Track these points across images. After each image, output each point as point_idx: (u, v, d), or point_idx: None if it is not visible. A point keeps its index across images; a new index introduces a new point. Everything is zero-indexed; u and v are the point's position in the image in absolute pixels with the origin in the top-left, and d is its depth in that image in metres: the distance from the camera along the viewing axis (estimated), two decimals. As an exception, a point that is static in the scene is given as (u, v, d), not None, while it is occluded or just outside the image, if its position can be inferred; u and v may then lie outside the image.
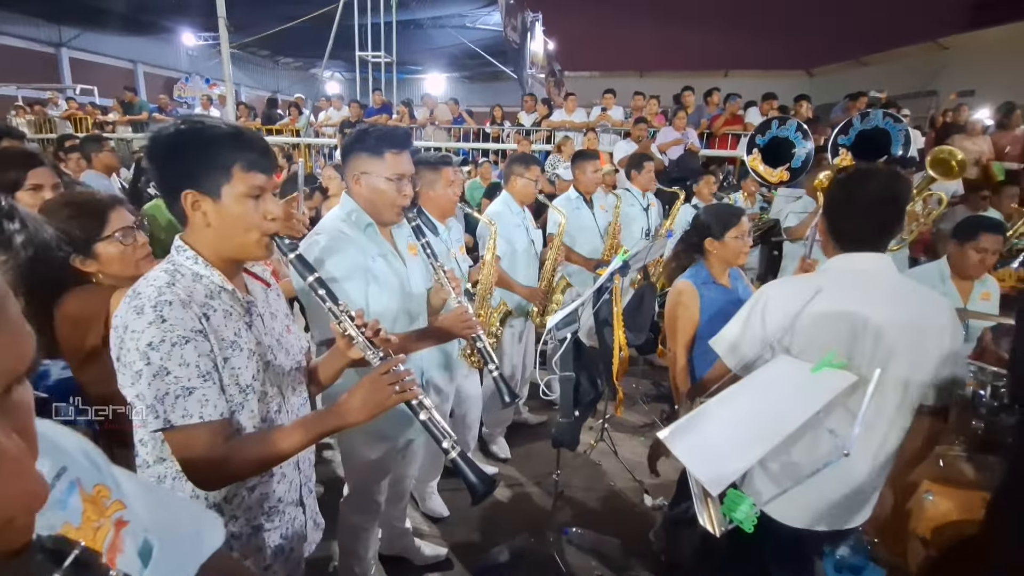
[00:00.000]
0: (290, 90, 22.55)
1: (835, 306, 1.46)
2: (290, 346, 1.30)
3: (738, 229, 2.22)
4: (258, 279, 1.29)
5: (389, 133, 1.81)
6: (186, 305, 1.04)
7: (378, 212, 1.81)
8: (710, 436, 1.34)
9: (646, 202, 4.29)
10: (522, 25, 12.63)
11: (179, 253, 1.13)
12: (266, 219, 1.11)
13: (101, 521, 0.53)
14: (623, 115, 7.64)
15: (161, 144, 1.09)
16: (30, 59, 15.96)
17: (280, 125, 9.37)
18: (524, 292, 3.17)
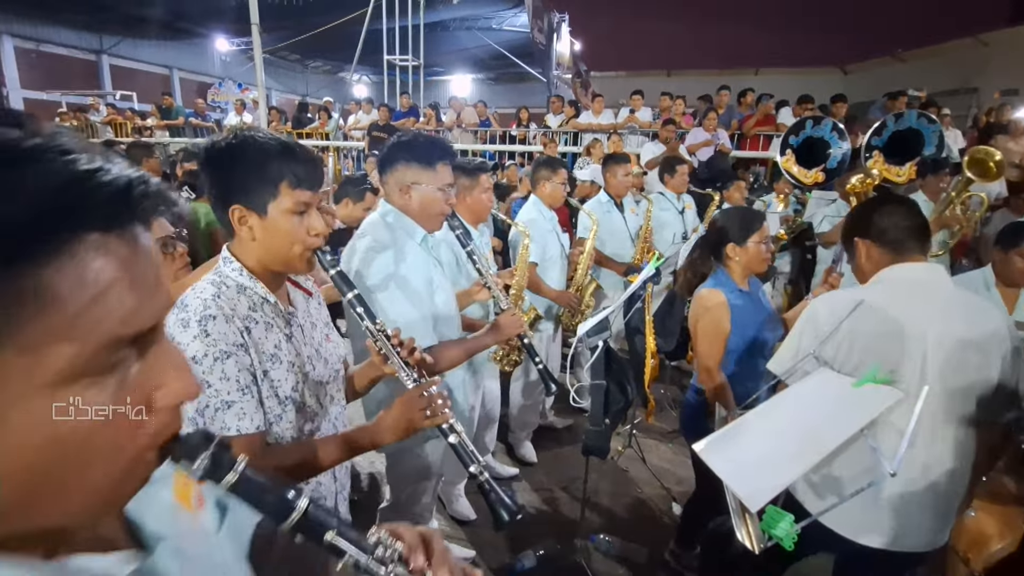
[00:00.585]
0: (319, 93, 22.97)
1: (885, 318, 1.43)
2: (329, 355, 1.31)
3: (760, 234, 2.11)
4: (300, 288, 1.30)
5: (439, 144, 1.86)
6: (229, 319, 1.07)
7: (426, 221, 1.84)
8: (749, 450, 1.31)
9: (681, 205, 4.26)
10: (548, 26, 12.61)
11: (226, 264, 1.15)
12: (310, 234, 1.13)
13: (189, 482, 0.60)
14: (651, 116, 7.55)
15: (213, 156, 1.12)
16: (73, 66, 16.62)
17: (310, 129, 9.55)
18: (555, 295, 3.17)
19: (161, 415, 0.44)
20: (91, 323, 0.37)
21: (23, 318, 0.35)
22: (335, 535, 0.53)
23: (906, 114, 4.72)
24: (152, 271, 0.42)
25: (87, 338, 0.37)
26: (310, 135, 9.52)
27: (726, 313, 2.08)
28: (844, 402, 1.30)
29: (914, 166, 4.59)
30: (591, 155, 6.21)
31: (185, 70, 19.53)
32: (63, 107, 12.50)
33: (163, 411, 0.44)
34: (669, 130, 6.12)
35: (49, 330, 0.36)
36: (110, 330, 0.38)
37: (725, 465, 1.29)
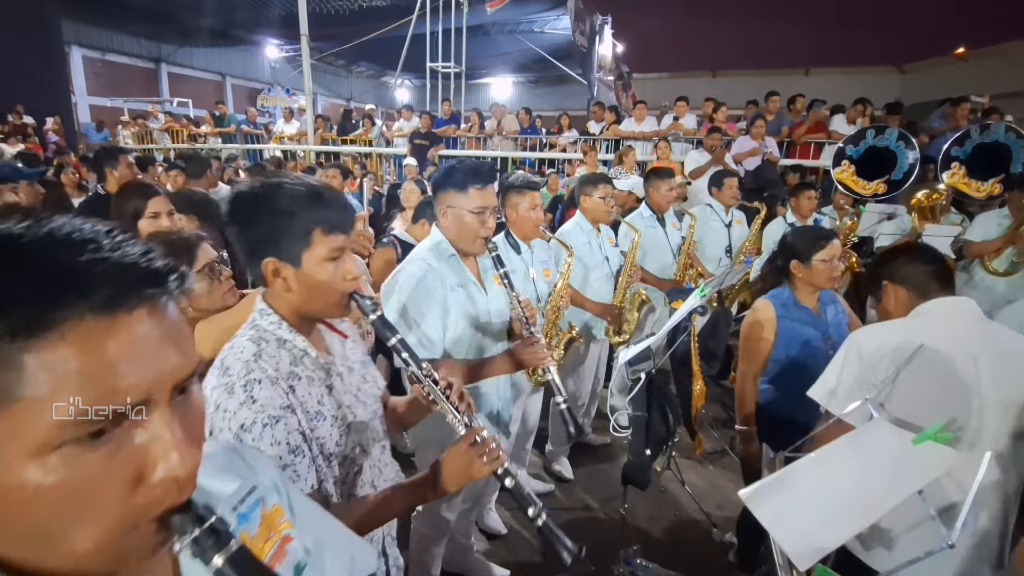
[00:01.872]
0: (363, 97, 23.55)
1: (935, 359, 1.40)
2: (367, 397, 1.30)
3: (827, 252, 2.14)
4: (334, 330, 1.29)
5: (474, 169, 1.91)
6: (274, 382, 1.05)
7: (463, 243, 1.91)
8: (798, 503, 1.26)
9: (729, 219, 4.17)
10: (591, 29, 12.51)
11: (263, 317, 1.13)
12: (346, 279, 1.11)
13: (271, 534, 0.65)
14: (695, 123, 7.37)
15: (241, 207, 1.10)
16: (134, 74, 17.60)
17: (354, 135, 9.78)
18: (597, 308, 3.16)
19: (154, 487, 0.45)
20: (77, 396, 0.40)
21: (7, 388, 0.39)
22: None
23: (993, 126, 4.46)
24: (155, 340, 0.44)
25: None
26: (354, 141, 9.75)
27: (770, 326, 2.17)
28: (901, 459, 1.24)
29: (996, 183, 4.32)
30: (623, 163, 6.14)
31: (236, 76, 20.39)
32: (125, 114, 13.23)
33: (157, 484, 0.45)
34: (715, 138, 5.95)
35: (32, 401, 0.39)
36: (95, 401, 0.41)
37: (773, 518, 1.24)
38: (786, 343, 2.17)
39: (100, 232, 0.44)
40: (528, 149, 8.61)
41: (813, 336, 2.16)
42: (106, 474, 0.43)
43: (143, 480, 0.44)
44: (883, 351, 1.47)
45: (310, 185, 1.09)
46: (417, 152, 8.02)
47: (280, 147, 10.04)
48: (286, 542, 0.66)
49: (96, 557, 0.44)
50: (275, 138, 10.47)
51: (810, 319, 2.20)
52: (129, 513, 0.44)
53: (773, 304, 2.19)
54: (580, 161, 7.04)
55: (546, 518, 1.13)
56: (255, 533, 0.63)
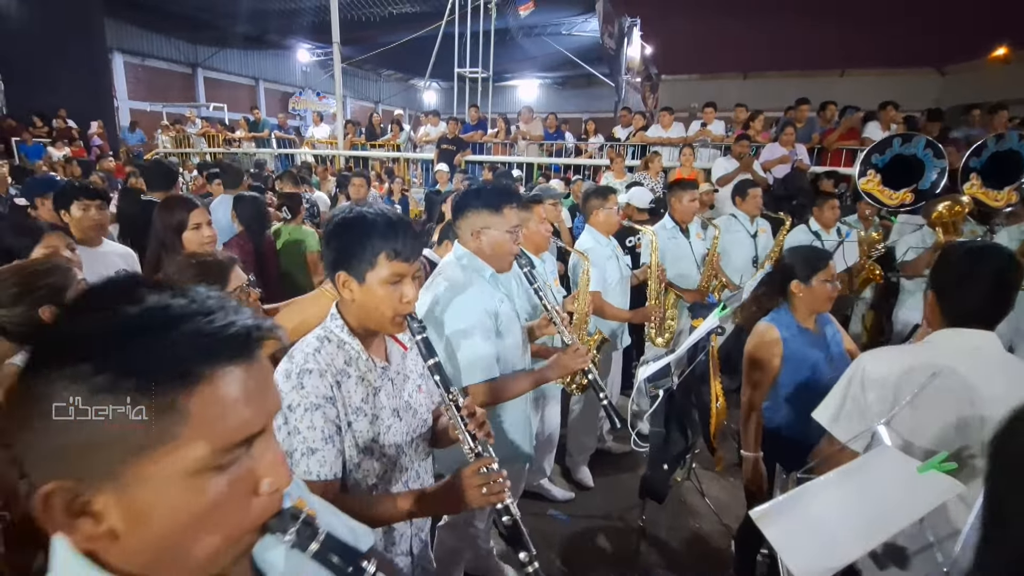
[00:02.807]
0: (391, 100, 23.90)
1: (947, 389, 1.38)
2: (419, 406, 1.43)
3: (826, 273, 2.14)
4: (398, 342, 1.42)
5: (505, 189, 1.99)
6: (323, 374, 1.21)
7: (496, 262, 1.98)
8: (806, 524, 1.29)
9: (754, 228, 4.15)
10: (619, 31, 12.46)
11: (332, 320, 1.32)
12: (402, 301, 1.26)
13: None
14: (724, 129, 7.28)
15: (334, 227, 1.29)
16: (172, 79, 18.23)
17: (383, 140, 9.95)
18: (630, 315, 3.22)
19: (264, 499, 0.56)
20: (218, 431, 0.51)
21: (176, 425, 0.49)
22: None
23: (1007, 135, 4.33)
24: (262, 384, 0.56)
25: (215, 442, 0.51)
26: (383, 146, 9.92)
27: (777, 350, 2.14)
28: (906, 486, 1.25)
29: (1013, 191, 4.20)
30: (649, 169, 6.13)
31: (269, 80, 20.96)
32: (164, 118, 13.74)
33: (266, 496, 0.56)
34: (743, 145, 5.87)
35: (190, 434, 0.50)
36: (230, 435, 0.52)
37: (782, 537, 1.27)
38: (794, 366, 2.14)
39: (223, 300, 0.56)
40: (554, 154, 8.63)
41: (819, 358, 2.15)
42: (234, 491, 0.54)
43: (257, 492, 0.56)
44: (887, 380, 1.46)
45: (387, 217, 1.27)
46: (444, 157, 8.12)
47: (310, 152, 10.29)
48: None
49: (209, 563, 0.54)
50: (306, 142, 10.75)
51: (814, 341, 2.19)
52: (246, 521, 0.56)
53: (778, 327, 2.17)
54: (607, 167, 7.03)
55: (537, 567, 1.17)
56: None
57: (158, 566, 0.53)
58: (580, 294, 2.74)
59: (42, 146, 10.16)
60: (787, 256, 2.30)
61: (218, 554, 0.54)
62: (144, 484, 0.49)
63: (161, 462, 0.49)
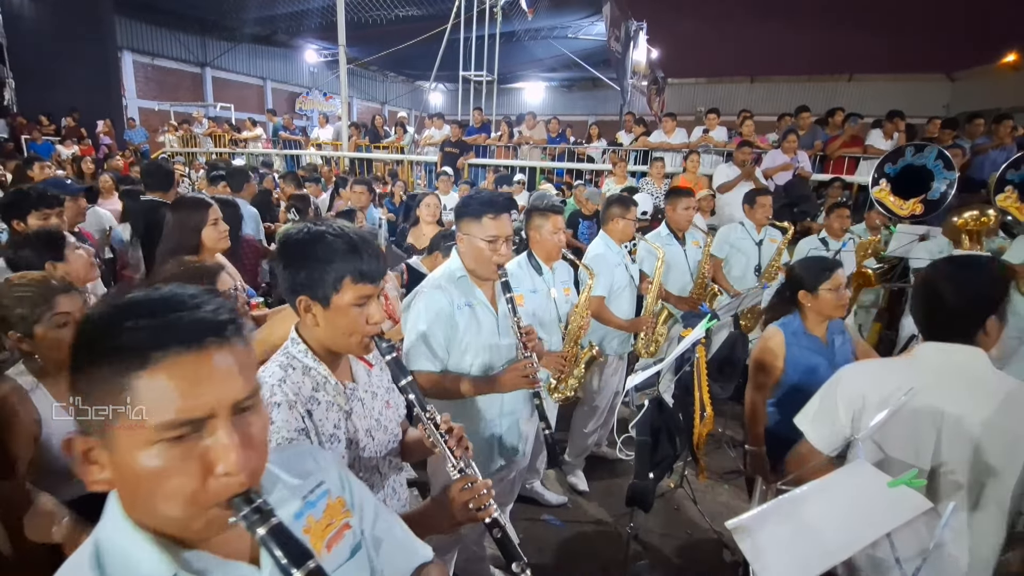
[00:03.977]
0: (397, 101, 24.00)
1: (927, 404, 1.40)
2: (388, 422, 1.40)
3: (832, 282, 2.21)
4: (362, 360, 1.38)
5: (490, 199, 2.01)
6: (292, 406, 1.16)
7: (476, 268, 2.02)
8: (780, 536, 1.31)
9: (760, 237, 4.18)
10: (625, 35, 12.47)
11: (293, 345, 1.26)
12: (368, 323, 1.22)
13: (333, 520, 0.85)
14: (726, 136, 7.27)
15: (287, 249, 1.23)
16: (181, 78, 18.37)
17: (387, 143, 10.01)
18: (628, 324, 3.25)
19: (222, 480, 0.62)
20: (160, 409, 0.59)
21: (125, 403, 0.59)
22: None
23: None
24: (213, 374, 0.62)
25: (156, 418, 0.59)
26: (387, 148, 9.98)
27: (780, 351, 2.23)
28: (877, 501, 1.28)
29: None
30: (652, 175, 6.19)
31: (277, 80, 21.08)
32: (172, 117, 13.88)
33: (222, 477, 0.62)
34: (745, 152, 5.86)
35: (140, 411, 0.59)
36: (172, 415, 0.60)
37: (755, 549, 1.29)
38: (794, 369, 2.24)
39: (187, 295, 0.64)
40: (557, 158, 8.65)
41: (820, 363, 2.21)
42: (185, 465, 0.61)
43: (211, 472, 0.62)
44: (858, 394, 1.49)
45: (348, 237, 1.21)
46: (448, 161, 8.16)
47: (316, 153, 10.37)
48: (345, 528, 0.86)
49: (186, 523, 0.64)
50: (312, 142, 10.83)
51: (818, 347, 2.26)
52: (203, 494, 0.62)
53: (783, 331, 2.27)
54: (609, 172, 7.04)
55: (529, 574, 1.17)
56: (320, 517, 0.83)
57: (144, 515, 0.65)
58: (579, 307, 2.77)
59: (51, 144, 10.27)
60: (796, 267, 2.40)
61: (187, 517, 0.63)
62: (117, 445, 0.61)
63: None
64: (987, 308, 1.43)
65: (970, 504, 1.40)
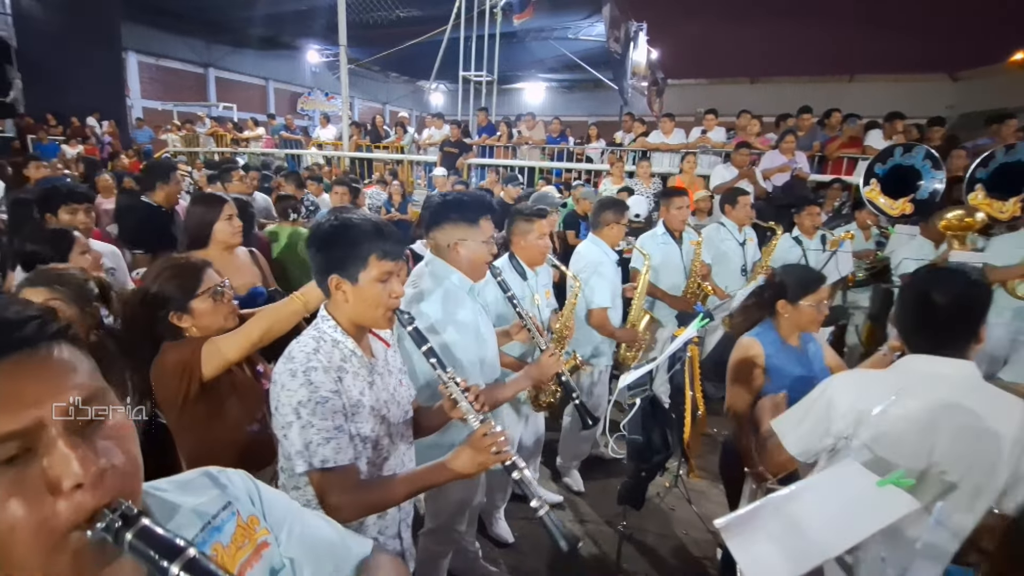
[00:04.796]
0: (399, 102, 24.04)
1: (914, 412, 1.39)
2: (401, 398, 1.53)
3: (816, 296, 2.12)
4: (381, 339, 1.52)
5: (480, 201, 2.01)
6: (327, 370, 1.31)
7: (472, 272, 2.00)
8: (766, 536, 1.31)
9: (742, 237, 4.15)
10: (625, 36, 12.48)
11: (323, 322, 1.40)
12: (391, 297, 1.37)
13: (245, 543, 0.75)
14: (724, 136, 7.27)
15: (319, 236, 1.37)
16: (185, 79, 18.47)
17: (387, 142, 10.04)
18: (622, 335, 3.21)
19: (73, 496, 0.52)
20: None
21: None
22: None
23: (1018, 145, 4.30)
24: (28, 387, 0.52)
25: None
26: (387, 148, 10.00)
27: (760, 363, 2.13)
28: (865, 500, 1.27)
29: (1019, 202, 4.19)
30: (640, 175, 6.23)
31: (279, 81, 21.18)
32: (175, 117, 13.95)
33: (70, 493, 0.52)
34: (743, 154, 5.86)
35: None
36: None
37: (742, 550, 1.30)
38: (777, 382, 2.12)
39: None
40: (556, 158, 8.67)
41: (800, 374, 2.13)
42: (24, 489, 0.51)
43: (58, 491, 0.52)
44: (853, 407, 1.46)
45: (372, 222, 1.38)
46: (447, 161, 8.17)
47: (317, 152, 10.40)
48: (262, 548, 0.77)
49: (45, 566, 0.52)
50: (313, 142, 10.87)
51: (797, 357, 2.18)
52: (54, 520, 0.52)
53: (761, 342, 2.16)
54: (607, 172, 7.05)
55: (548, 510, 1.27)
56: (228, 542, 0.73)
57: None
58: (565, 314, 2.70)
59: (57, 144, 10.34)
60: (780, 273, 2.28)
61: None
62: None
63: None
64: (982, 315, 1.42)
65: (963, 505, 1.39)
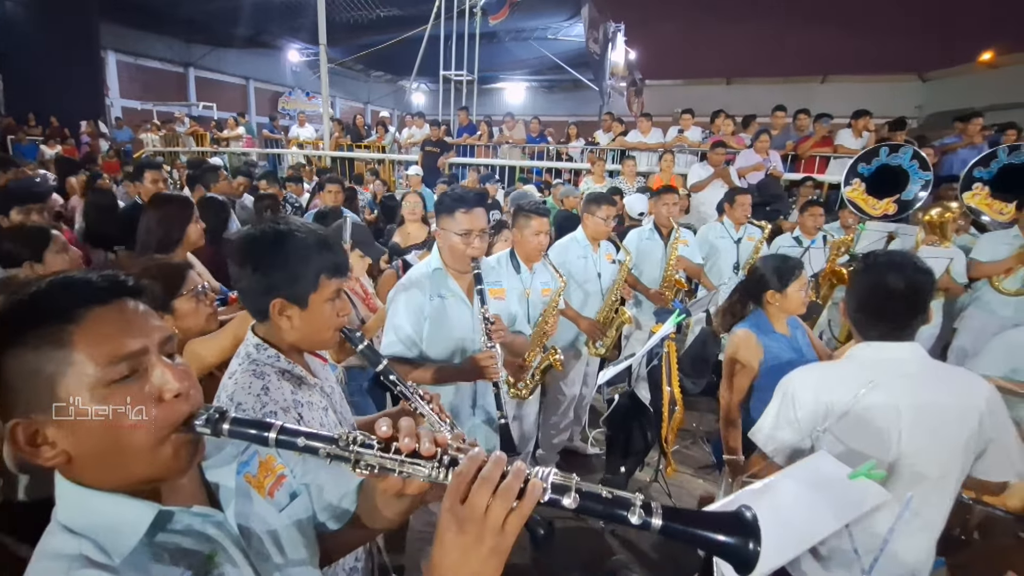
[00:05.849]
0: (380, 101, 23.88)
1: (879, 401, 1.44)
2: (346, 412, 1.41)
3: (799, 282, 2.24)
4: (316, 355, 1.37)
5: (461, 195, 2.08)
6: (286, 411, 1.13)
7: (451, 260, 2.11)
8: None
9: (739, 235, 4.27)
10: (604, 36, 12.59)
11: (259, 352, 1.21)
12: (339, 316, 1.23)
13: (268, 473, 0.91)
14: (700, 136, 7.40)
15: (255, 251, 1.17)
16: (165, 78, 18.15)
17: (368, 142, 9.98)
18: (576, 318, 3.28)
19: (171, 404, 0.71)
20: (99, 352, 0.66)
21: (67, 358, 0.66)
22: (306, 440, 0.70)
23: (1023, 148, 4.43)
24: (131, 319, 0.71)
25: (99, 360, 0.66)
26: (368, 147, 9.95)
27: (757, 354, 2.21)
28: (837, 492, 1.31)
29: None
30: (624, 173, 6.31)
31: (260, 80, 20.93)
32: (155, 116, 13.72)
33: (171, 401, 0.71)
34: (719, 153, 5.97)
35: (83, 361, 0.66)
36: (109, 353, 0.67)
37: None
38: (772, 369, 2.18)
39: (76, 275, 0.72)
40: (536, 158, 8.71)
41: (793, 359, 2.22)
42: (138, 400, 0.68)
43: (161, 399, 0.70)
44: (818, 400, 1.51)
45: (317, 234, 1.20)
46: (428, 160, 8.17)
47: (297, 152, 10.31)
48: (282, 479, 0.93)
49: (155, 457, 0.70)
50: (292, 141, 10.76)
51: (790, 344, 2.28)
52: (161, 420, 0.70)
53: (755, 333, 2.25)
54: (587, 171, 7.11)
55: None
56: (256, 472, 0.90)
57: (112, 471, 0.70)
58: (547, 311, 2.78)
59: (36, 145, 10.13)
60: (759, 266, 2.37)
61: (152, 450, 0.70)
62: (70, 410, 0.65)
63: (70, 386, 0.66)
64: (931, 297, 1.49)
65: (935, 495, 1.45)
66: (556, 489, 0.66)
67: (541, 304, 2.84)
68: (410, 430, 0.71)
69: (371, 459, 0.70)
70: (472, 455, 0.68)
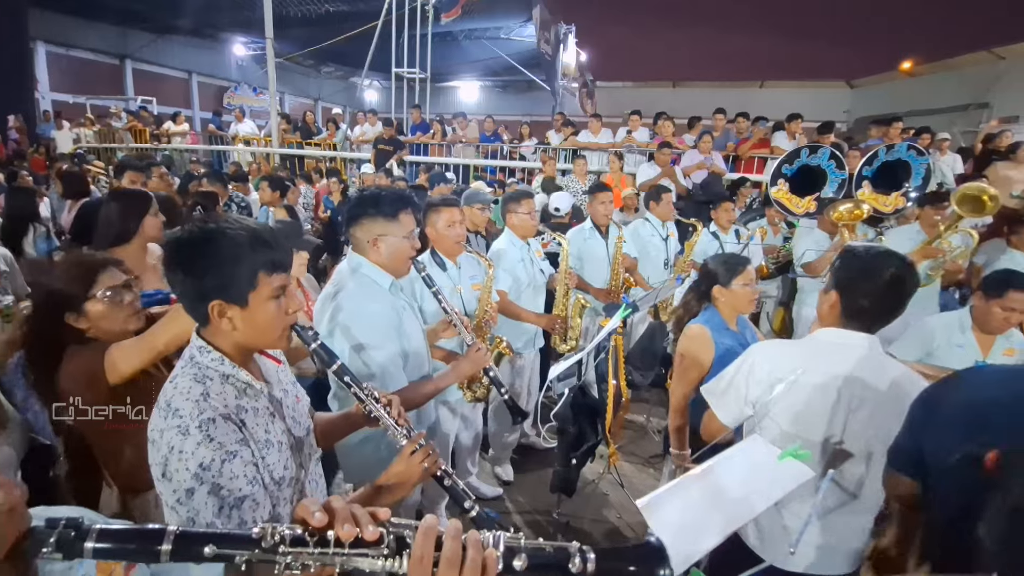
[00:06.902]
0: (331, 98, 23.31)
1: (818, 380, 1.54)
2: (300, 416, 1.36)
3: (745, 277, 2.27)
4: (268, 357, 1.34)
5: (400, 196, 1.97)
6: (227, 418, 1.09)
7: (395, 268, 1.95)
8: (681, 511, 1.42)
9: (665, 232, 4.34)
10: (555, 37, 12.75)
11: (203, 355, 1.16)
12: (288, 313, 1.19)
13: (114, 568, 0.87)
14: (648, 136, 7.64)
15: (184, 253, 1.13)
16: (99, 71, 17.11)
17: (319, 139, 9.75)
18: (539, 320, 3.27)
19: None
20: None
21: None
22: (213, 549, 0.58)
23: (897, 146, 4.82)
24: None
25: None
26: (318, 145, 9.72)
27: (708, 349, 2.22)
28: (767, 473, 1.41)
29: (900, 196, 4.71)
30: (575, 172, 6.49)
31: (203, 74, 20.00)
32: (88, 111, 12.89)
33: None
34: (665, 154, 6.20)
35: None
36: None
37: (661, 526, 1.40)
38: (722, 363, 2.13)
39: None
40: (490, 157, 8.75)
41: None
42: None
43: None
44: (771, 375, 1.59)
45: (251, 229, 1.15)
46: (380, 158, 8.06)
47: (243, 149, 9.94)
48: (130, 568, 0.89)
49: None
50: (236, 139, 10.36)
51: (739, 340, 2.31)
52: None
53: (709, 328, 2.26)
54: (540, 170, 7.21)
55: (479, 511, 1.26)
56: None
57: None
58: (481, 299, 2.72)
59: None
60: (709, 263, 2.43)
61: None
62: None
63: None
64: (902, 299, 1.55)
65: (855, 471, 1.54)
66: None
67: (473, 298, 2.75)
68: (345, 515, 0.65)
69: (307, 559, 0.61)
70: (425, 530, 0.64)
